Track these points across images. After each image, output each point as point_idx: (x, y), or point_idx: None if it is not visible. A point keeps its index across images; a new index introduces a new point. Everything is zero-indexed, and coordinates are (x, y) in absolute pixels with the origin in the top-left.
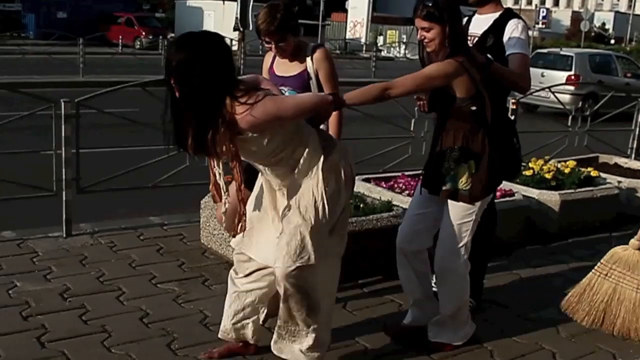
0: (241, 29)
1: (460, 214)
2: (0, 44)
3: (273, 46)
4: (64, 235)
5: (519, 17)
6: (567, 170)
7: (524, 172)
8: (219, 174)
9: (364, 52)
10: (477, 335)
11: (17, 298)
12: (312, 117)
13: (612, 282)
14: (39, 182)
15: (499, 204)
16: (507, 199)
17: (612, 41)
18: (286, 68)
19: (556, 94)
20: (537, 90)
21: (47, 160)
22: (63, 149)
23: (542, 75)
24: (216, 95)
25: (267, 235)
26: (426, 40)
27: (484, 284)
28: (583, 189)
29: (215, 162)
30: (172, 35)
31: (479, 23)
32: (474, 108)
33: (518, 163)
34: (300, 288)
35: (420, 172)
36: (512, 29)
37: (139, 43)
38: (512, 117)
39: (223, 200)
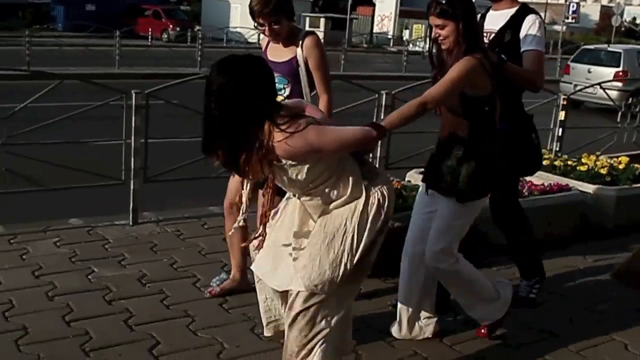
0: None
1: (452, 213)
2: (34, 36)
3: (267, 29)
4: (131, 223)
5: (536, 13)
6: (621, 166)
7: (578, 168)
8: (245, 193)
9: (391, 45)
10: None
11: (97, 283)
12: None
13: None
14: (103, 171)
15: (555, 199)
16: (564, 193)
17: None
18: (279, 53)
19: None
20: (585, 87)
21: (111, 149)
22: (132, 138)
23: (589, 72)
24: (253, 120)
25: (288, 261)
26: (440, 38)
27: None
28: (639, 185)
29: (245, 181)
30: (199, 28)
31: (495, 19)
32: (486, 109)
33: (538, 159)
34: (308, 319)
35: None
36: (530, 25)
37: (166, 36)
38: (562, 113)
39: (239, 218)
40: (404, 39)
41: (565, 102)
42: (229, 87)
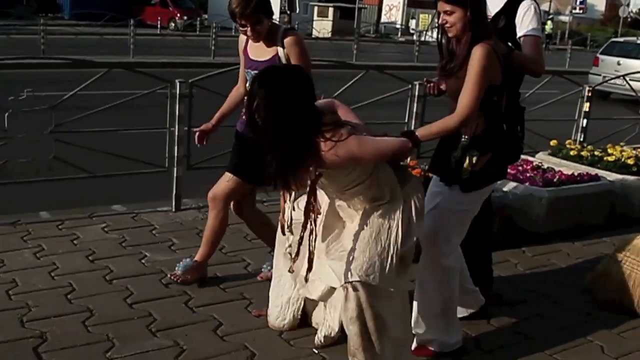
0: (288, 12)
1: (455, 202)
2: (48, 25)
3: (248, 29)
4: (174, 210)
5: None
6: None
7: (605, 158)
8: (289, 207)
9: (399, 35)
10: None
11: (152, 267)
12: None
13: (626, 268)
14: (147, 159)
15: (586, 188)
16: (593, 183)
17: None
18: (260, 52)
19: (631, 82)
20: (612, 78)
21: (154, 137)
22: (176, 126)
23: (618, 64)
24: (301, 129)
25: (327, 268)
26: (447, 25)
27: (493, 279)
28: None
29: (288, 196)
30: (206, 16)
31: (492, 3)
32: (495, 98)
33: (517, 152)
34: (361, 311)
35: None
36: (525, 11)
37: (173, 24)
38: (587, 104)
39: (294, 240)
40: (411, 29)
41: (590, 94)
42: (274, 97)
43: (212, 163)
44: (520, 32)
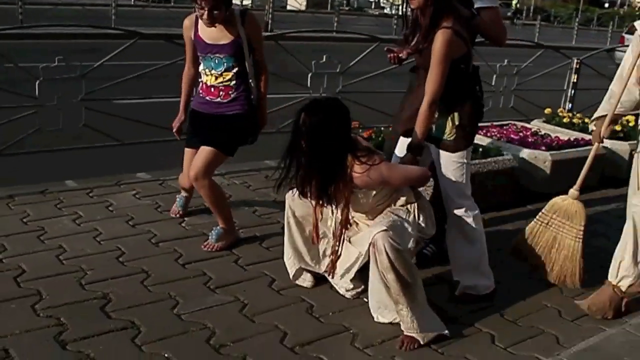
0: None
1: (449, 161)
2: None
3: (205, 13)
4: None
5: None
6: (631, 124)
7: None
8: (331, 222)
9: (372, 8)
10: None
11: (194, 230)
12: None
13: (552, 231)
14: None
15: (582, 152)
16: (589, 147)
17: (607, 5)
18: (218, 35)
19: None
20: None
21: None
22: None
23: None
24: (341, 153)
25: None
26: None
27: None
28: None
29: (321, 211)
30: None
31: None
32: (462, 66)
33: (481, 109)
34: (391, 261)
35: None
36: None
37: None
38: (575, 76)
39: (336, 252)
40: (382, 2)
41: (577, 66)
42: (320, 126)
43: None
44: (478, 4)
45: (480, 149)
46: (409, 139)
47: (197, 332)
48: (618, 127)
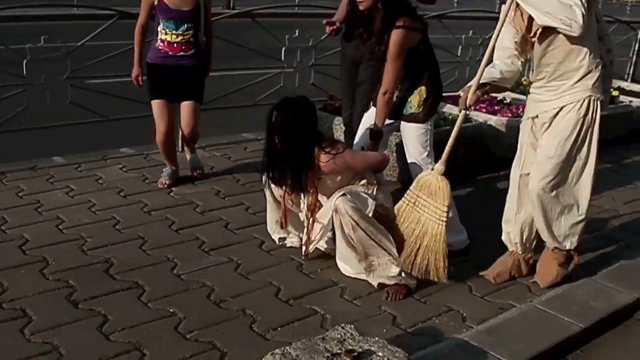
0: None
1: (419, 131)
2: None
3: None
4: (180, 150)
5: None
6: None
7: None
8: (304, 205)
9: None
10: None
11: (183, 199)
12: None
13: (418, 211)
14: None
15: None
16: None
17: None
18: (179, 2)
19: None
20: None
21: None
22: None
23: None
24: (309, 145)
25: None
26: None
27: None
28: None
29: (291, 198)
30: None
31: None
32: (422, 48)
33: (440, 81)
34: (355, 221)
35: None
36: None
37: None
38: None
39: (311, 239)
40: None
41: None
42: (290, 122)
43: (214, 105)
44: None
45: (450, 117)
46: (372, 116)
47: (198, 290)
48: None
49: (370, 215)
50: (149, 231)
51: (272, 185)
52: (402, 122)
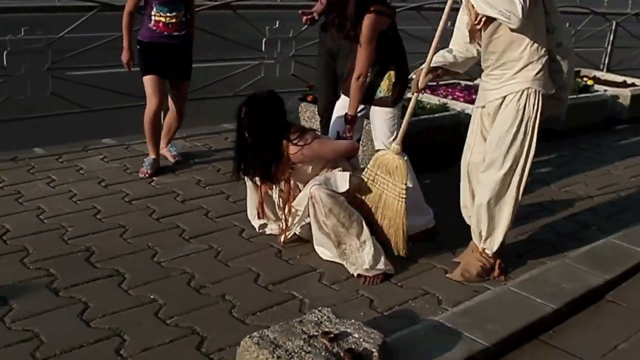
0: None
1: (387, 115)
2: None
3: None
4: (168, 142)
5: None
6: (590, 82)
7: None
8: (276, 195)
9: None
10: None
11: (163, 188)
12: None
13: (378, 188)
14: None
15: None
16: None
17: None
18: None
19: None
20: None
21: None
22: None
23: None
24: (277, 139)
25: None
26: None
27: None
28: (583, 95)
29: (269, 188)
30: None
31: None
32: (390, 33)
33: (407, 66)
34: (329, 208)
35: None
36: None
37: None
38: None
39: (288, 226)
40: None
41: None
42: (257, 118)
43: (195, 95)
44: None
45: (428, 106)
46: (347, 100)
47: (178, 277)
48: None
49: (346, 188)
50: (130, 220)
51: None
52: (371, 106)
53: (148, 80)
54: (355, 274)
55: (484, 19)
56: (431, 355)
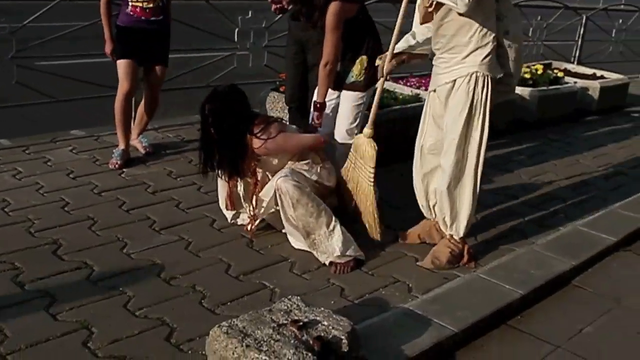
0: None
1: (357, 100)
2: None
3: None
4: (139, 132)
5: None
6: (539, 72)
7: None
8: (241, 187)
9: None
10: None
11: (134, 180)
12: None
13: (356, 171)
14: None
15: None
16: None
17: None
18: None
19: None
20: None
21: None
22: None
23: None
24: (240, 132)
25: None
26: None
27: None
28: (553, 87)
29: (236, 181)
30: None
31: None
32: (360, 17)
33: (381, 49)
34: (297, 198)
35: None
36: None
37: None
38: None
39: (255, 215)
40: None
41: None
42: (222, 113)
43: (167, 86)
44: None
45: (401, 97)
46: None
47: (148, 268)
48: (527, 75)
49: (308, 189)
50: (99, 212)
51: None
52: (343, 90)
53: (122, 64)
54: (326, 263)
55: (434, 3)
56: (401, 341)
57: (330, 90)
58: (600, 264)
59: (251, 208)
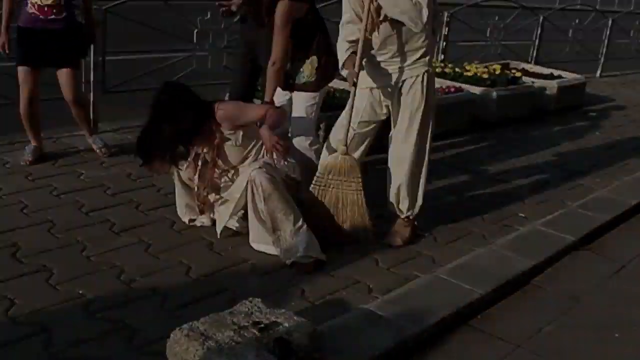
0: None
1: (309, 102)
2: None
3: None
4: (89, 133)
5: None
6: (497, 72)
7: (465, 74)
8: (202, 189)
9: None
10: None
11: (93, 182)
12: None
13: (333, 191)
14: None
15: (448, 99)
16: (459, 94)
17: None
18: None
19: None
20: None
21: None
22: (92, 54)
23: None
24: (200, 117)
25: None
26: None
27: None
28: (512, 87)
29: (196, 182)
30: None
31: None
32: (309, 17)
33: (332, 50)
34: (270, 191)
35: None
36: None
37: None
38: (447, 29)
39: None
40: None
41: (448, 19)
42: (171, 102)
43: (125, 87)
44: None
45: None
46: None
47: (108, 271)
48: (485, 76)
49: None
50: (58, 214)
51: (180, 169)
52: (294, 92)
53: (20, 71)
54: (288, 263)
55: (388, 18)
56: (362, 342)
57: (281, 90)
58: (559, 263)
59: (208, 205)
